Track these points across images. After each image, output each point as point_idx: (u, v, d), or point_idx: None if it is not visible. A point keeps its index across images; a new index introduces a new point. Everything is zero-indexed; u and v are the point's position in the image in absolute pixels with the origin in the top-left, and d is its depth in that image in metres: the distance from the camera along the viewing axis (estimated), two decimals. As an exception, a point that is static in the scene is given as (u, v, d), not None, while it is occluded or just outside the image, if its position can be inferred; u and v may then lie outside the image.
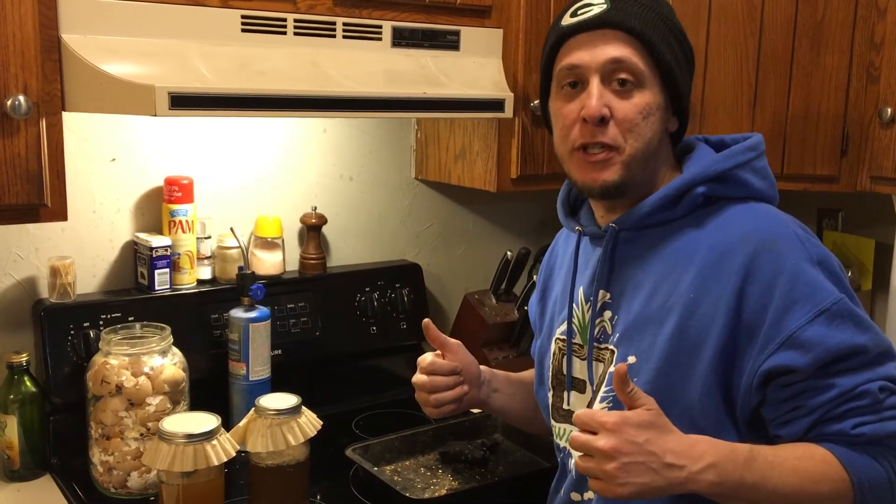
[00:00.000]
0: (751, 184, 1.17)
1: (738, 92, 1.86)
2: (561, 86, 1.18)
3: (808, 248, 1.10)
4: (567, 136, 1.17)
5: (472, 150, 1.90)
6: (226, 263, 1.80)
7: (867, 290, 2.19)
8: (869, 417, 1.07)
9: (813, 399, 1.07)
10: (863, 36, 1.82)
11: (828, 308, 1.07)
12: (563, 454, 1.29)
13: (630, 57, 1.13)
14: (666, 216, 1.17)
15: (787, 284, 1.07)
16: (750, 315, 1.08)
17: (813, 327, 1.06)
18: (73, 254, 1.67)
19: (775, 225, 1.12)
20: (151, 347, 1.51)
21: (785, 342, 1.06)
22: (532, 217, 2.31)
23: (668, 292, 1.14)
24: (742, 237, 1.11)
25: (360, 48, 1.56)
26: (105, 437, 1.49)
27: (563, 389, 1.28)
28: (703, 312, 1.10)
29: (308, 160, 1.95)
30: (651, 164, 1.18)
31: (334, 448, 1.57)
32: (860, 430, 1.06)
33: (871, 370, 1.07)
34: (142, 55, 1.33)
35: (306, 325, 1.86)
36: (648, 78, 1.14)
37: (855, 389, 1.06)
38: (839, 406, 1.07)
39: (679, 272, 1.14)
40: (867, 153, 1.85)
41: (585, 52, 1.14)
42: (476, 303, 2.08)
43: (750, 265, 1.09)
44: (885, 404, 1.07)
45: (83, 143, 1.67)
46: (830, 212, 2.29)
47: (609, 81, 1.14)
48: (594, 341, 1.22)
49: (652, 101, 1.15)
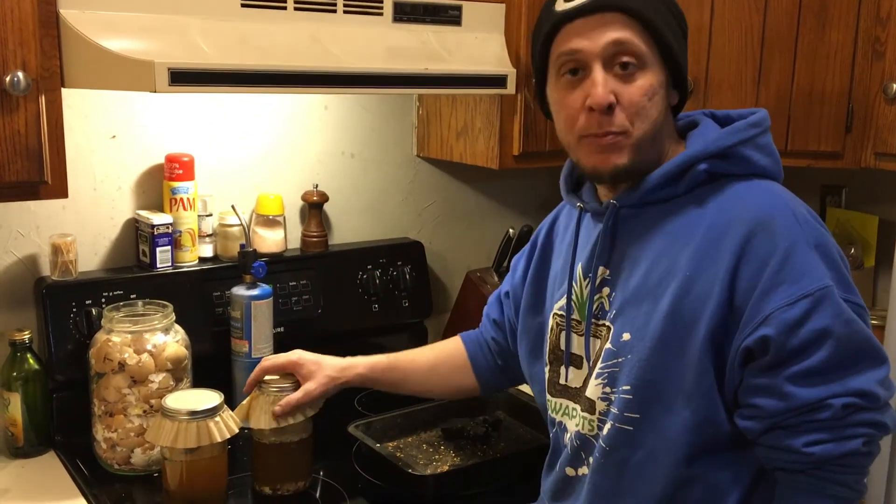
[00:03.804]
0: (754, 160, 1.16)
1: (742, 68, 1.85)
2: (561, 73, 1.16)
3: (804, 230, 1.08)
4: (573, 125, 1.16)
5: (475, 126, 1.88)
6: (227, 241, 1.80)
7: (870, 266, 2.19)
8: (825, 435, 1.04)
9: (771, 404, 1.06)
10: (868, 11, 1.80)
11: (811, 293, 1.04)
12: (558, 428, 1.29)
13: (631, 38, 1.11)
14: (668, 192, 1.16)
15: (777, 265, 1.06)
16: (741, 295, 1.07)
17: (793, 310, 1.04)
18: (75, 231, 1.66)
19: (774, 205, 1.11)
20: (154, 325, 1.51)
21: (763, 322, 1.05)
22: (534, 194, 2.30)
23: (665, 269, 1.13)
24: (740, 217, 1.10)
25: (361, 23, 1.55)
26: (108, 413, 1.50)
27: (560, 364, 1.28)
28: (698, 291, 1.09)
29: (309, 137, 1.94)
30: (657, 142, 1.17)
31: (337, 425, 1.57)
32: (811, 450, 1.04)
33: (839, 382, 1.04)
34: (141, 30, 1.32)
35: (308, 302, 1.86)
36: (650, 58, 1.13)
37: (816, 402, 1.04)
38: (796, 416, 1.05)
39: (677, 249, 1.13)
40: (872, 129, 1.83)
41: (584, 38, 1.12)
42: (478, 280, 2.08)
43: (745, 245, 1.08)
44: (846, 422, 1.04)
45: (83, 121, 1.66)
46: (834, 188, 2.28)
47: (611, 66, 1.12)
48: (592, 317, 1.21)
49: (655, 81, 1.13)
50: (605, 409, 1.18)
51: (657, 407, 1.13)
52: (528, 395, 1.74)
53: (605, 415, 1.18)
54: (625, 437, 1.15)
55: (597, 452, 1.19)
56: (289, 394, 1.39)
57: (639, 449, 1.15)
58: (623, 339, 1.16)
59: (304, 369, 1.42)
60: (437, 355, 1.53)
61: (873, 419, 1.05)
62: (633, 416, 1.14)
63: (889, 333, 1.63)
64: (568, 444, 1.25)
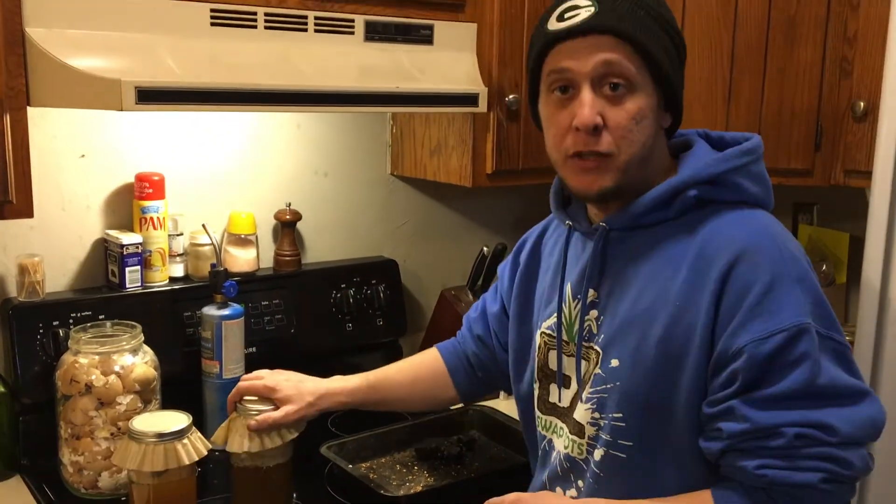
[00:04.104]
0: (744, 188, 1.15)
1: (713, 86, 1.87)
2: (551, 90, 1.16)
3: (788, 265, 1.07)
4: (560, 143, 1.15)
5: (448, 145, 1.89)
6: (198, 260, 1.78)
7: (842, 283, 2.20)
8: (778, 462, 1.03)
9: (730, 427, 1.05)
10: (836, 30, 1.83)
11: (786, 329, 1.03)
12: (547, 444, 1.28)
13: (621, 61, 1.10)
14: (658, 217, 1.15)
15: (756, 298, 1.05)
16: (720, 325, 1.07)
17: (765, 345, 1.03)
18: (43, 251, 1.64)
19: (760, 236, 1.09)
20: (122, 346, 1.49)
21: (735, 354, 1.05)
22: (509, 212, 2.30)
23: (654, 296, 1.12)
24: (726, 247, 1.09)
25: (333, 42, 1.55)
26: (75, 436, 1.47)
27: (549, 383, 1.28)
28: (688, 320, 1.09)
29: (282, 156, 1.93)
30: (647, 164, 1.16)
31: (309, 445, 1.55)
32: (763, 472, 1.03)
33: (798, 412, 1.03)
34: (108, 49, 1.31)
35: (281, 322, 1.85)
36: (640, 80, 1.11)
37: (770, 428, 1.03)
38: (751, 440, 1.04)
39: (666, 277, 1.12)
40: (841, 147, 1.85)
41: (574, 59, 1.11)
42: (452, 298, 2.07)
43: (728, 274, 1.07)
44: (800, 453, 1.02)
45: (51, 140, 1.65)
46: (806, 206, 2.30)
47: (600, 86, 1.11)
48: (582, 340, 1.21)
49: (645, 105, 1.12)
50: (594, 434, 1.18)
51: (651, 433, 1.12)
52: (503, 415, 1.73)
53: (595, 440, 1.18)
54: (619, 464, 1.15)
55: (590, 478, 1.19)
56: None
57: (633, 475, 1.14)
58: (612, 366, 1.15)
59: (282, 394, 1.40)
60: (417, 371, 1.52)
61: (831, 454, 1.03)
62: (626, 444, 1.14)
63: (858, 348, 1.64)
64: (556, 463, 1.25)
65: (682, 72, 1.18)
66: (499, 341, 1.47)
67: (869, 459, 1.06)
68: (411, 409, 1.59)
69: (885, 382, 1.63)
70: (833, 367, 1.05)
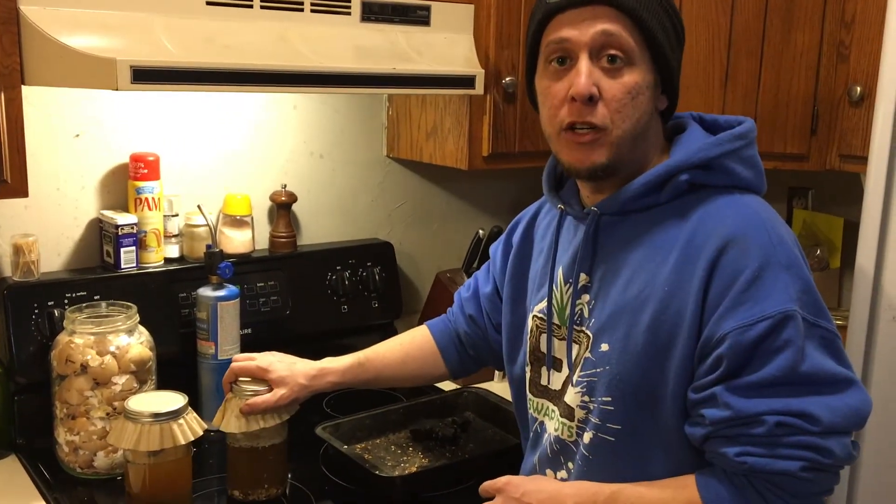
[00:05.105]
0: (736, 173, 1.14)
1: (709, 70, 1.86)
2: (549, 61, 1.15)
3: (778, 250, 1.07)
4: (555, 115, 1.15)
5: (444, 127, 1.88)
6: (194, 241, 1.78)
7: (836, 268, 2.21)
8: (759, 450, 1.03)
9: (713, 413, 1.05)
10: (833, 14, 1.82)
11: (771, 315, 1.03)
12: (539, 426, 1.29)
13: (620, 32, 1.10)
14: (650, 201, 1.15)
15: (744, 284, 1.05)
16: (707, 311, 1.07)
17: (750, 332, 1.03)
18: (37, 231, 1.64)
19: (750, 222, 1.09)
20: (117, 326, 1.49)
21: (720, 340, 1.05)
22: (504, 195, 2.30)
23: (644, 282, 1.13)
24: (716, 232, 1.09)
25: (329, 23, 1.54)
26: (70, 416, 1.47)
27: (541, 366, 1.28)
28: (677, 306, 1.09)
29: (278, 137, 1.92)
30: (640, 144, 1.16)
31: (305, 427, 1.56)
32: (743, 459, 1.04)
33: (780, 400, 1.03)
34: (103, 28, 1.30)
35: (276, 303, 1.85)
36: (638, 55, 1.11)
37: (752, 416, 1.03)
38: (732, 428, 1.04)
39: (657, 262, 1.12)
40: (837, 131, 1.85)
41: (574, 28, 1.11)
42: (448, 281, 2.07)
43: (717, 260, 1.07)
44: (781, 441, 1.03)
45: (46, 119, 1.64)
46: (801, 190, 2.30)
47: (598, 58, 1.11)
48: (573, 324, 1.21)
49: (641, 81, 1.12)
50: (584, 417, 1.18)
51: (639, 418, 1.13)
52: (497, 397, 1.74)
53: (585, 423, 1.18)
54: (608, 447, 1.16)
55: (579, 460, 1.20)
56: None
57: (621, 458, 1.15)
58: (602, 350, 1.15)
59: (275, 375, 1.41)
60: (407, 350, 1.54)
61: (812, 443, 1.03)
62: (615, 427, 1.15)
63: (851, 333, 1.65)
64: (547, 445, 1.25)
65: (679, 55, 1.18)
66: (490, 322, 1.48)
67: (852, 448, 1.06)
68: (402, 385, 1.63)
69: (877, 367, 1.64)
70: (819, 354, 1.05)
